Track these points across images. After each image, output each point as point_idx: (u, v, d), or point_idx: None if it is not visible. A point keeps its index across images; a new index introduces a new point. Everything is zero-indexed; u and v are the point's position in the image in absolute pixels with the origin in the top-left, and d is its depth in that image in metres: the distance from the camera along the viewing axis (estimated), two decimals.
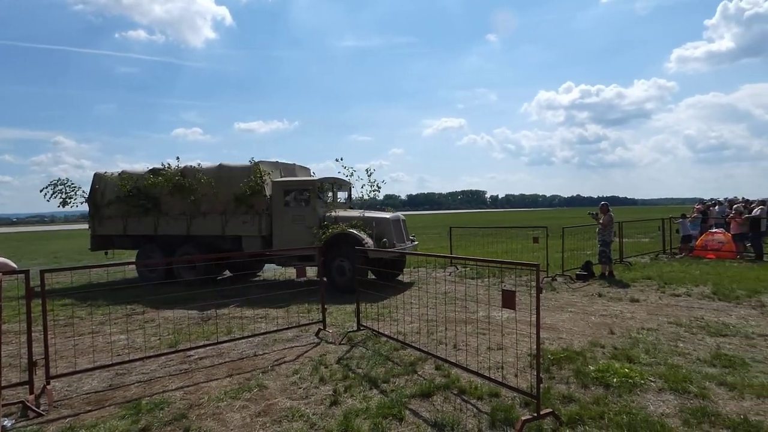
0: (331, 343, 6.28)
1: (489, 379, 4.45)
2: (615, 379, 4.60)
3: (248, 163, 11.16)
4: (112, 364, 5.32)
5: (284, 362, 5.55)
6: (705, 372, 4.81)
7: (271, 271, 13.80)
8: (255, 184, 10.66)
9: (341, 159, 11.32)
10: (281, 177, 11.54)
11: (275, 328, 6.82)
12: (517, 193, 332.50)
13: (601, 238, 11.12)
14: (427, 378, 4.87)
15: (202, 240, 11.51)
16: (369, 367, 5.27)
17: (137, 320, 7.91)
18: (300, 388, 4.76)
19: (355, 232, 9.74)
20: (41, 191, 12.14)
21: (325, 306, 6.90)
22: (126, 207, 12.06)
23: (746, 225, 13.81)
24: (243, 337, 6.43)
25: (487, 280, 10.97)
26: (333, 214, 10.63)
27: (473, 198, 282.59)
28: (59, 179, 12.45)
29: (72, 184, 12.62)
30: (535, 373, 3.86)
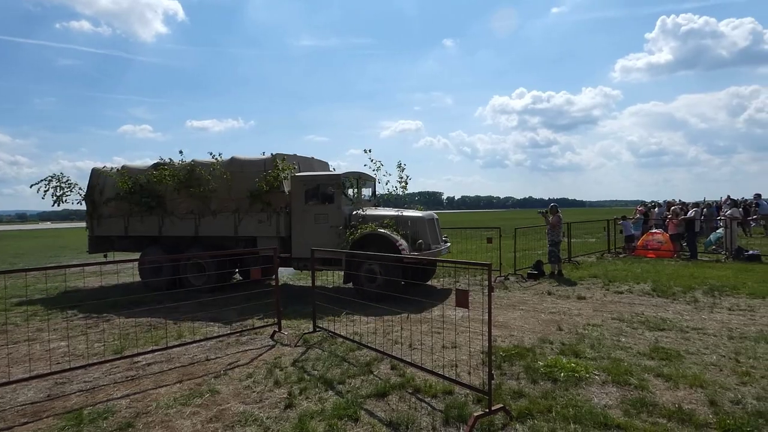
0: (286, 345, 6.19)
1: (443, 377, 4.52)
2: (562, 374, 4.79)
3: (263, 156, 10.16)
4: (51, 373, 5.02)
5: (237, 366, 5.43)
6: (644, 364, 5.09)
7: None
8: (273, 180, 9.59)
9: (370, 150, 9.92)
10: (299, 171, 10.40)
11: (229, 332, 6.66)
12: (472, 194, 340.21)
13: (550, 238, 11.55)
14: (382, 378, 4.89)
15: (211, 242, 10.44)
16: (325, 368, 5.24)
17: (79, 326, 7.51)
18: (254, 391, 4.66)
19: (387, 232, 8.77)
20: (32, 186, 10.96)
21: (281, 308, 6.80)
22: (127, 205, 11.02)
23: (682, 226, 14.72)
24: (194, 341, 6.23)
25: (442, 279, 11.15)
26: (361, 212, 9.54)
27: (430, 199, 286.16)
28: (54, 175, 11.32)
29: (68, 180, 11.50)
30: (487, 370, 3.95)
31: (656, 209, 20.02)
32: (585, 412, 3.96)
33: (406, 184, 10.26)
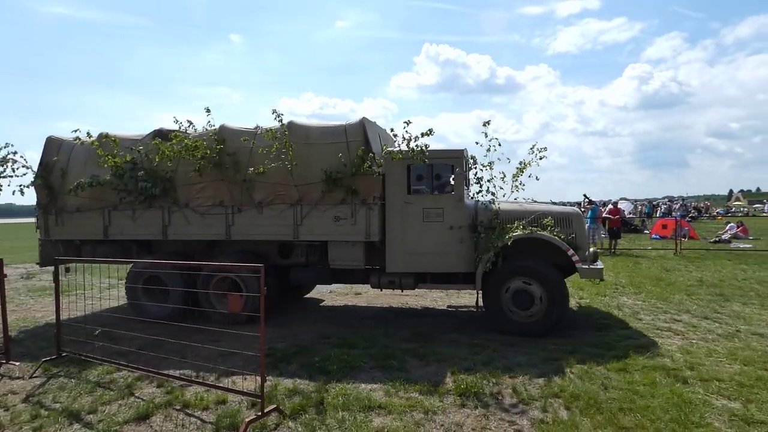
0: (17, 378, 5.03)
1: (214, 386, 4.33)
2: (335, 366, 5.08)
3: (339, 123, 6.82)
4: None
5: None
6: (405, 348, 5.78)
7: None
8: (366, 157, 6.36)
9: (488, 123, 6.62)
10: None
11: None
12: None
13: None
14: (146, 399, 4.40)
15: (250, 247, 7.22)
16: (71, 399, 4.44)
17: None
18: None
19: (550, 236, 6.27)
20: None
21: (9, 332, 5.50)
22: (110, 193, 7.29)
23: None
24: None
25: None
26: (495, 206, 6.72)
27: None
28: None
29: (11, 152, 7.40)
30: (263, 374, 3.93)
31: None
32: (353, 399, 4.28)
33: (522, 172, 6.81)
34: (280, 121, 6.64)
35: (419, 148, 6.29)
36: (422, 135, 6.42)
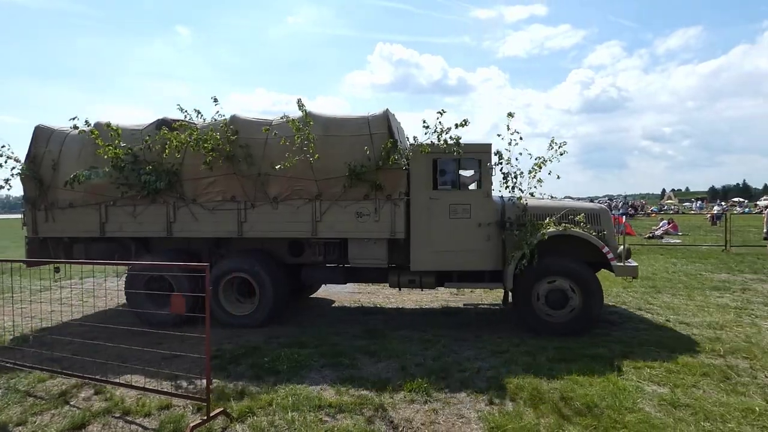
0: None
1: (157, 391, 4.16)
2: (285, 366, 5.01)
3: (361, 115, 6.53)
4: None
5: None
6: (356, 345, 5.78)
7: None
8: (393, 150, 6.10)
9: (512, 115, 6.29)
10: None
11: None
12: None
13: None
14: (82, 407, 4.17)
15: (263, 245, 6.90)
16: None
17: None
18: None
19: (584, 233, 6.15)
20: None
21: None
22: (109, 187, 6.76)
23: None
24: None
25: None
26: (524, 201, 6.49)
27: None
28: None
29: None
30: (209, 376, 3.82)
31: None
32: (303, 399, 4.24)
33: (540, 168, 6.53)
34: (304, 111, 6.33)
35: (453, 140, 6.09)
36: (456, 126, 6.09)
